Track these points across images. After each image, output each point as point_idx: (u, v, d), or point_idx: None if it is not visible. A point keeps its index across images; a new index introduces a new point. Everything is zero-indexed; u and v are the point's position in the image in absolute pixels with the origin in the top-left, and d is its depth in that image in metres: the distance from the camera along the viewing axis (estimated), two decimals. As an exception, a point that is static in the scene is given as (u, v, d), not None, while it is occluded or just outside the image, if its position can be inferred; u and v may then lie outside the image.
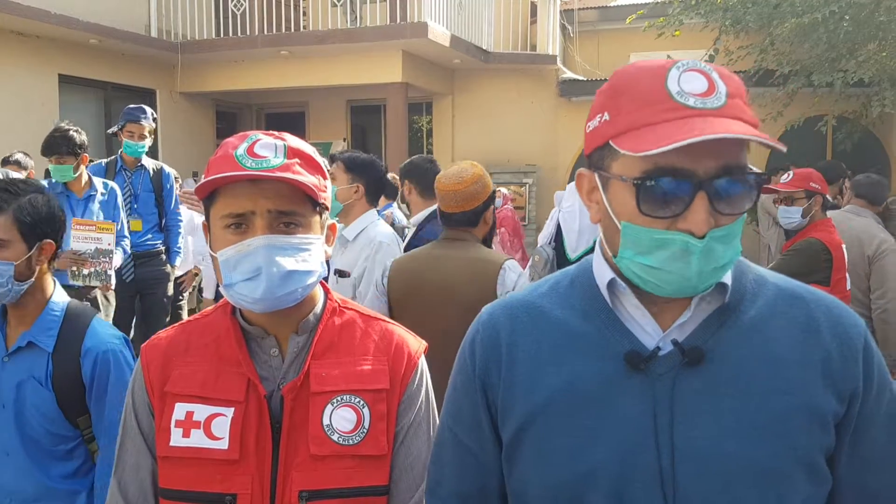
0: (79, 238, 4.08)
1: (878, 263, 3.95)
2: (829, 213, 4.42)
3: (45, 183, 4.30)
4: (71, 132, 4.14)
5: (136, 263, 5.02)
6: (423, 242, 2.92)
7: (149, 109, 5.11)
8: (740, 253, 0.93)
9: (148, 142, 4.97)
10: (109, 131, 5.20)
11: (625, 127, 0.90)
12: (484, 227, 2.60)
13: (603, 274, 1.00)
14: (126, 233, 4.54)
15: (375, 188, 3.16)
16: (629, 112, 0.90)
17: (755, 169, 0.91)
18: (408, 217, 4.92)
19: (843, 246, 3.73)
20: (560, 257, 4.18)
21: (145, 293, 5.13)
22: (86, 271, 4.08)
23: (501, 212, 9.45)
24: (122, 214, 4.50)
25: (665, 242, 0.89)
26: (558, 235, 4.18)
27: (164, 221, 5.19)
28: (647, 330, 0.97)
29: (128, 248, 4.54)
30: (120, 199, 4.51)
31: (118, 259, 4.31)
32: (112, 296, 4.48)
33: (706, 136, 0.83)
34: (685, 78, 0.89)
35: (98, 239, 4.10)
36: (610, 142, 0.92)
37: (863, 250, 4.05)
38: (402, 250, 3.09)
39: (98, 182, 4.37)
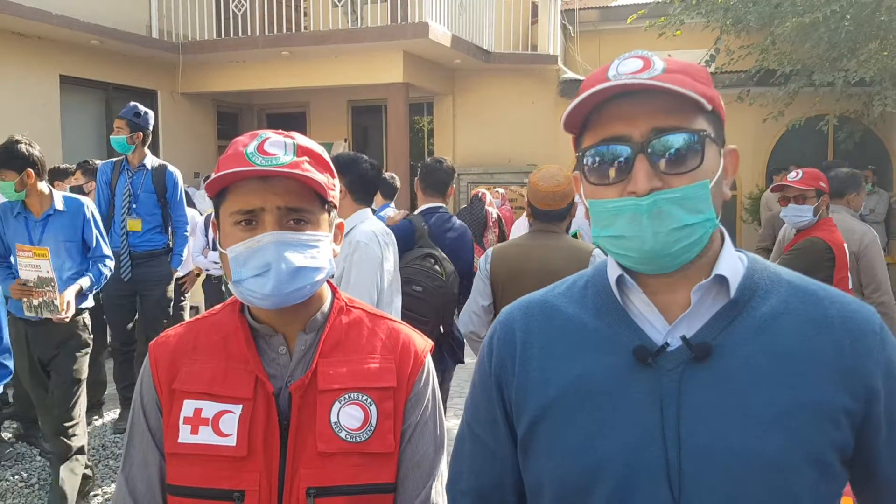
0: (23, 266, 3.61)
1: (864, 258, 3.91)
2: None
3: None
4: (17, 145, 3.64)
5: (135, 263, 5.00)
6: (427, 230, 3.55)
7: (136, 106, 4.99)
8: (713, 221, 0.94)
9: (125, 135, 4.86)
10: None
11: None
12: (568, 220, 3.07)
13: (613, 271, 1.03)
14: (105, 251, 4.02)
15: (361, 186, 3.10)
16: None
17: (695, 128, 0.94)
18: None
19: (845, 245, 3.73)
20: None
21: (143, 294, 5.10)
22: (35, 301, 3.60)
23: (500, 211, 9.47)
24: (97, 231, 3.96)
25: (618, 209, 0.94)
26: None
27: (170, 223, 5.15)
28: (655, 326, 0.99)
29: (106, 270, 4.01)
30: (89, 214, 3.94)
31: (85, 281, 3.82)
32: (87, 318, 3.96)
33: (602, 85, 0.91)
34: (624, 62, 0.96)
35: (37, 266, 3.58)
36: (566, 131, 1.00)
37: (847, 247, 3.98)
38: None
39: (58, 198, 3.86)
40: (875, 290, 3.89)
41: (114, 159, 5.17)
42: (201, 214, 6.42)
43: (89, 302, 3.94)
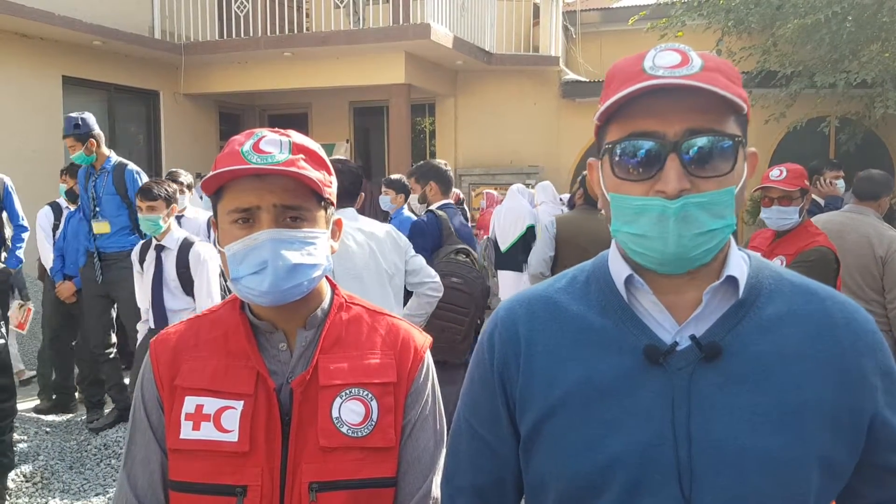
0: None
1: (890, 263, 3.82)
2: (831, 215, 4.36)
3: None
4: None
5: (105, 265, 5.01)
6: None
7: (72, 118, 4.99)
8: (733, 226, 0.94)
9: (80, 150, 4.94)
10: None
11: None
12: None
13: (620, 270, 1.02)
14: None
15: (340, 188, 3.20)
16: (611, 94, 0.95)
17: (730, 132, 0.92)
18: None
19: (873, 249, 3.71)
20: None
21: (114, 295, 5.08)
22: None
23: (488, 212, 9.44)
24: None
25: (644, 208, 0.93)
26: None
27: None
28: (664, 326, 0.98)
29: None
30: None
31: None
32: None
33: (642, 84, 0.89)
34: (661, 55, 0.94)
35: None
36: (596, 121, 0.98)
37: (874, 251, 3.91)
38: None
39: None
40: None
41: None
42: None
43: None
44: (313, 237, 1.19)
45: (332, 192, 1.25)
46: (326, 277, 1.29)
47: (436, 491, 1.23)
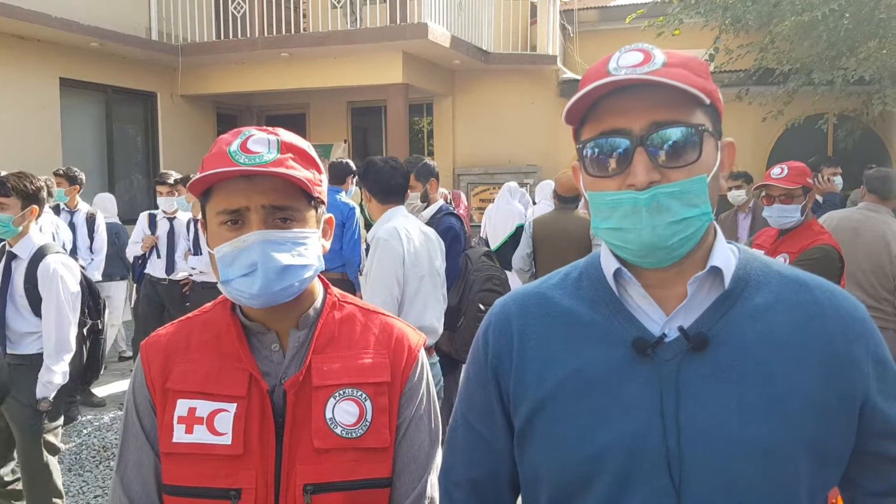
0: None
1: None
2: (847, 212, 4.32)
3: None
4: None
5: None
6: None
7: None
8: (709, 215, 0.95)
9: None
10: None
11: None
12: (578, 202, 4.54)
13: (609, 264, 1.03)
14: None
15: (379, 188, 3.32)
16: None
17: (695, 122, 0.94)
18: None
19: (890, 246, 3.70)
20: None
21: None
22: None
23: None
24: None
25: (617, 203, 0.95)
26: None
27: None
28: (652, 318, 1.00)
29: None
30: None
31: None
32: None
33: (602, 81, 0.92)
34: (625, 56, 0.97)
35: None
36: (567, 123, 1.01)
37: (890, 250, 3.87)
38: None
39: None
40: None
41: None
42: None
43: None
44: (303, 237, 1.18)
45: (321, 190, 1.23)
46: (319, 276, 1.28)
47: (431, 491, 1.23)
